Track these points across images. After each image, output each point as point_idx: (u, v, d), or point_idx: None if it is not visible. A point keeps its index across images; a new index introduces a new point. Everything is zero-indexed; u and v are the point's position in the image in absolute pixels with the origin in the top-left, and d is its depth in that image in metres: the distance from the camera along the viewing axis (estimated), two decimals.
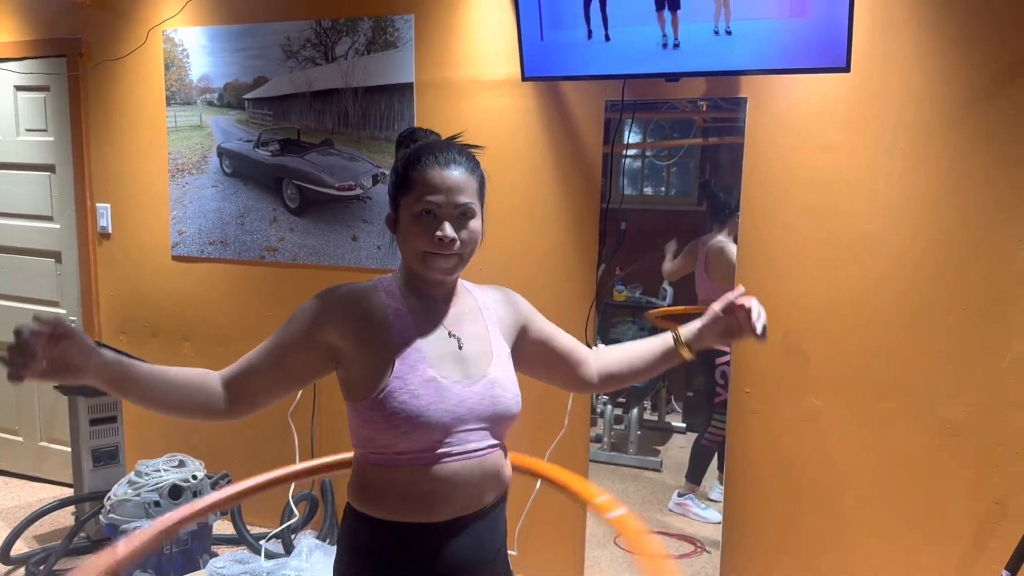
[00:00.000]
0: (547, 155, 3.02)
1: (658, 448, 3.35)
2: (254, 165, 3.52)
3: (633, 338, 3.31)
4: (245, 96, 3.49)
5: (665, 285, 3.17)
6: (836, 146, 2.64)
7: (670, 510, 3.08)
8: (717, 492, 3.01)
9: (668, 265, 3.06)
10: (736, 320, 1.57)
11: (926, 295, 2.60)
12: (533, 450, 3.12)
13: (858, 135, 2.61)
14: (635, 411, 3.30)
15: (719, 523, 2.94)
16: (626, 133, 2.99)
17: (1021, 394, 2.53)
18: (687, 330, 1.62)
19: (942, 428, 2.62)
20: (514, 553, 3.19)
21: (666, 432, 3.37)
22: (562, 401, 3.05)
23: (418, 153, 1.46)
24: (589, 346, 2.93)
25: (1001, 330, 2.53)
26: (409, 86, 3.17)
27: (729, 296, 1.58)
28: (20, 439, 4.27)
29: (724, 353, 2.88)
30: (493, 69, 3.02)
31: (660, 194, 3.12)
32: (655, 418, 3.42)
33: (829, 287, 2.70)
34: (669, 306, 3.17)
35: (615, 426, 3.33)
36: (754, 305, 1.55)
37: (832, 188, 2.66)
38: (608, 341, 3.21)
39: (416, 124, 3.16)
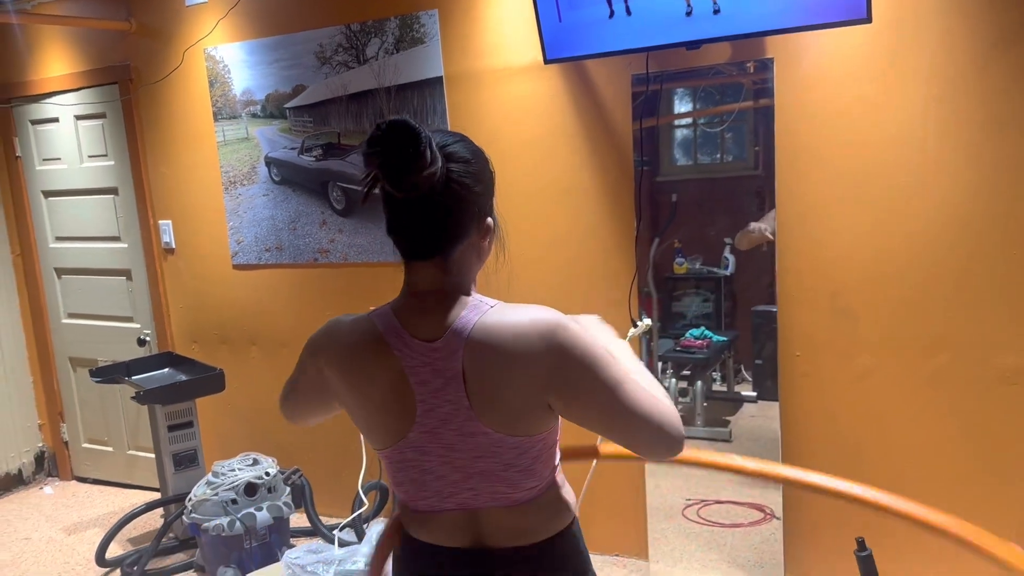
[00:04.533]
0: (578, 136, 3.04)
1: (728, 419, 3.33)
2: (300, 171, 3.64)
3: (698, 310, 3.29)
4: (286, 105, 3.61)
5: (726, 254, 3.12)
6: (868, 100, 2.59)
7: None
8: None
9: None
10: None
11: (971, 243, 2.53)
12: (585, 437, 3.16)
13: (890, 87, 2.56)
14: (700, 383, 3.28)
15: None
16: (675, 103, 2.98)
17: None
18: None
19: (1000, 377, 2.56)
20: None
21: (736, 402, 3.35)
22: None
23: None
24: (634, 323, 2.97)
25: None
26: (439, 80, 3.22)
27: None
28: (110, 449, 4.53)
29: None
30: (517, 55, 3.06)
31: (716, 162, 3.07)
32: (724, 389, 3.40)
33: (871, 244, 2.66)
34: (730, 274, 3.10)
35: (681, 399, 3.33)
36: None
37: (867, 143, 2.61)
38: (672, 315, 3.21)
39: (448, 116, 3.22)
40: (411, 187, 1.15)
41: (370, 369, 1.21)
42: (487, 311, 1.21)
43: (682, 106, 3.08)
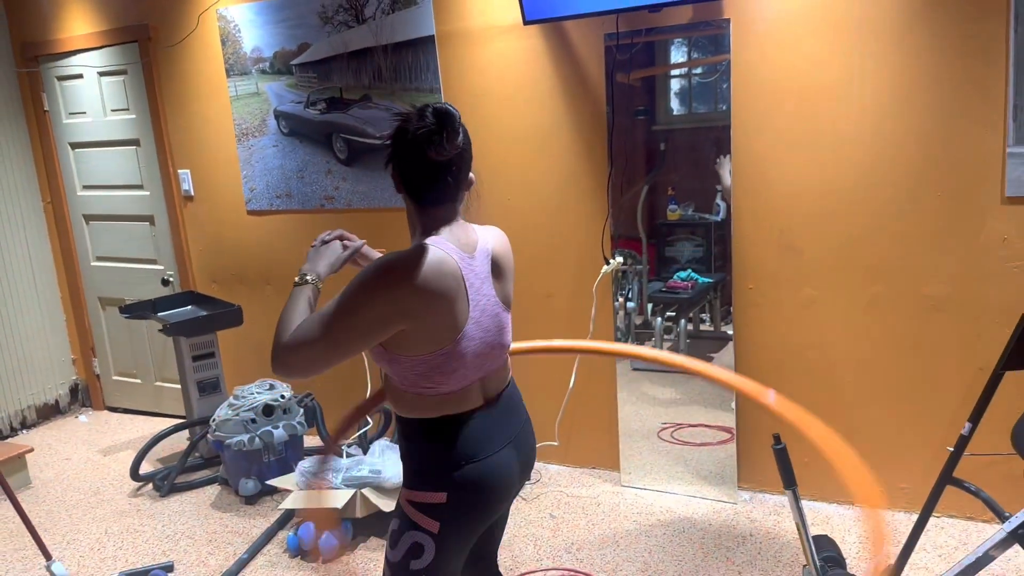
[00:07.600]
0: (556, 90, 3.34)
1: (712, 355, 3.61)
2: (306, 123, 3.95)
3: (690, 254, 3.49)
4: (292, 62, 3.91)
5: (718, 200, 3.27)
6: (812, 56, 2.87)
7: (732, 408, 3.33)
8: None
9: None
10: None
11: (904, 185, 2.83)
12: (559, 364, 3.51)
13: (830, 44, 2.84)
14: (683, 322, 3.53)
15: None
16: (671, 54, 3.15)
17: (994, 268, 2.76)
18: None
19: (927, 305, 2.88)
20: (555, 443, 3.62)
21: (722, 340, 3.63)
22: (585, 312, 3.42)
23: None
24: (607, 260, 3.29)
25: (974, 210, 2.76)
26: (431, 39, 3.51)
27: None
28: (139, 380, 4.93)
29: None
30: (500, 16, 3.34)
31: (711, 111, 3.17)
32: (712, 328, 3.66)
33: (816, 187, 2.96)
34: (721, 220, 3.28)
35: (666, 337, 3.59)
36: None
37: (812, 97, 2.90)
38: (666, 259, 3.42)
39: (440, 72, 3.52)
40: (448, 152, 1.59)
41: (454, 284, 1.61)
42: (483, 231, 1.78)
43: (684, 56, 3.21)
